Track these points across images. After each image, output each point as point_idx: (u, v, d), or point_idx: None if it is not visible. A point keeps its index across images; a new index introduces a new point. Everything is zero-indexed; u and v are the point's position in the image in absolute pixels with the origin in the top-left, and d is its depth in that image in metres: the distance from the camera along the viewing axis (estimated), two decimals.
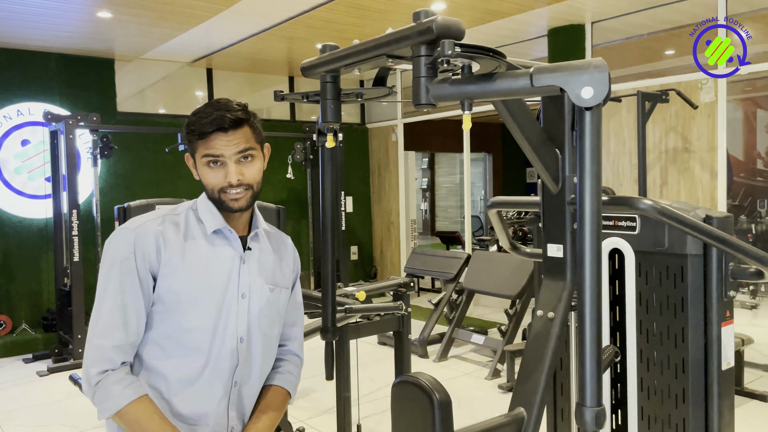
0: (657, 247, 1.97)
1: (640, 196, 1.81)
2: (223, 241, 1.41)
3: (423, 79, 1.31)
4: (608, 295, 2.15)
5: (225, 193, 1.36)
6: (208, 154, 1.35)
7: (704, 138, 4.81)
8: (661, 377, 1.99)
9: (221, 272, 1.38)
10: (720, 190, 4.74)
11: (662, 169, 5.08)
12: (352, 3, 4.63)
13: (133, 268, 1.32)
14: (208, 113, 1.34)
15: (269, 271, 1.47)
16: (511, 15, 5.24)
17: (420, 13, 1.32)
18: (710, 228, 1.66)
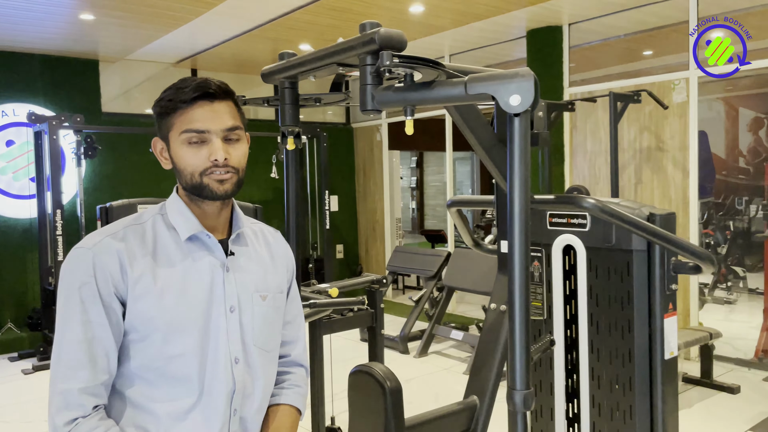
0: (606, 244, 2.07)
1: (585, 196, 1.91)
2: (201, 248, 1.20)
3: (369, 86, 1.40)
4: (562, 289, 2.25)
5: (208, 175, 1.16)
6: (190, 129, 1.14)
7: (677, 137, 4.93)
8: (610, 367, 2.09)
9: (202, 286, 1.18)
10: (692, 188, 4.86)
11: (637, 168, 5.20)
12: (331, 5, 4.71)
13: (94, 294, 1.12)
14: (188, 83, 1.15)
15: (259, 275, 1.27)
16: (489, 17, 5.33)
17: (365, 25, 1.41)
18: (648, 225, 1.76)
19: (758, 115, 9.31)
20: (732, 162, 9.87)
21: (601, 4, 5.04)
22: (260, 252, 1.31)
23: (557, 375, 2.25)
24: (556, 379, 2.25)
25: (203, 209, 1.21)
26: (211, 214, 1.22)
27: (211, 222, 1.23)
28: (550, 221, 2.23)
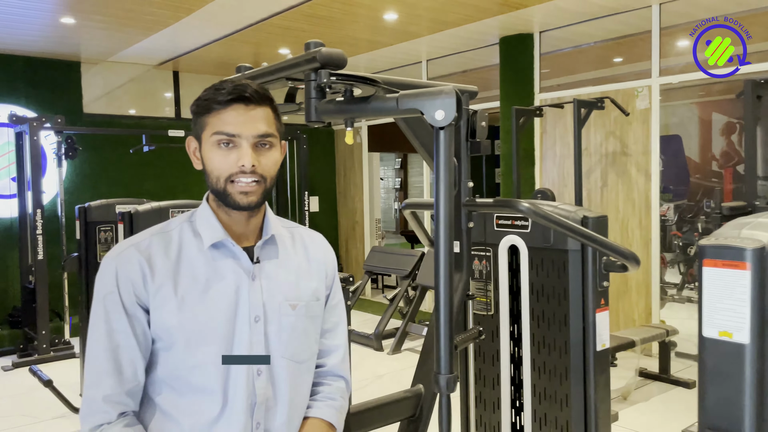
0: (545, 244, 2.24)
1: (520, 200, 2.07)
2: (226, 255, 1.18)
3: (312, 99, 1.54)
4: (508, 286, 2.41)
5: (233, 183, 1.15)
6: (221, 132, 1.13)
7: (640, 143, 5.12)
8: (549, 357, 2.25)
9: (225, 294, 1.16)
10: (654, 191, 5.05)
11: (603, 172, 5.39)
12: (307, 12, 4.85)
13: (118, 303, 1.13)
14: (226, 85, 1.14)
15: (290, 283, 1.23)
16: (462, 25, 5.50)
17: (310, 44, 1.56)
18: (575, 226, 1.93)
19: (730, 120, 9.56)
20: (705, 165, 10.12)
21: (570, 13, 5.22)
22: (295, 257, 1.26)
23: (503, 367, 2.41)
24: (503, 371, 2.41)
25: (231, 216, 1.20)
26: (238, 221, 1.20)
27: (240, 229, 1.21)
28: (496, 223, 2.39)
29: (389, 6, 4.82)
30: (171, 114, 7.38)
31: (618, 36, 5.78)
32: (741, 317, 1.12)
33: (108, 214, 4.43)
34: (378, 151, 9.23)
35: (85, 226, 4.45)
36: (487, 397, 2.47)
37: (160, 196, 5.94)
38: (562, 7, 5.03)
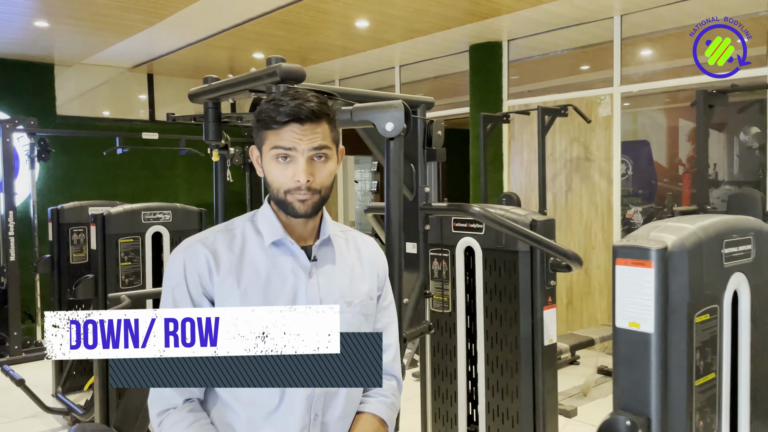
0: (497, 245, 2.38)
1: (472, 204, 2.20)
2: (285, 253, 1.26)
3: None
4: (464, 285, 2.55)
5: (291, 194, 1.22)
6: (279, 146, 1.20)
7: (602, 149, 5.32)
8: (501, 353, 2.40)
9: (284, 290, 1.23)
10: (615, 195, 5.25)
11: (567, 176, 5.58)
12: (280, 19, 4.95)
13: (185, 294, 1.22)
14: (285, 102, 1.20)
15: (345, 282, 1.30)
16: (432, 33, 5.64)
17: (271, 59, 1.67)
18: (520, 228, 2.07)
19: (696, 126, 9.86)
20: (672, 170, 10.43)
21: (536, 23, 5.40)
22: (349, 259, 1.33)
23: (459, 361, 2.54)
24: (459, 366, 2.55)
25: (290, 219, 1.27)
26: (297, 224, 1.27)
27: (298, 231, 1.28)
28: (454, 226, 2.53)
29: (361, 14, 4.95)
30: (145, 116, 7.41)
31: (583, 45, 5.98)
32: (647, 309, 1.26)
33: (81, 216, 4.48)
34: (353, 155, 9.35)
35: (58, 228, 4.49)
36: (445, 391, 2.60)
37: (133, 198, 5.98)
38: (529, 17, 5.21)
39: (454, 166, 13.58)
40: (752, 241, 1.45)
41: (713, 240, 1.33)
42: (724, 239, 1.36)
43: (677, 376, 1.27)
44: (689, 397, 1.28)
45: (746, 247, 1.43)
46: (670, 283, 1.26)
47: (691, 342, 1.28)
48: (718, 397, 1.37)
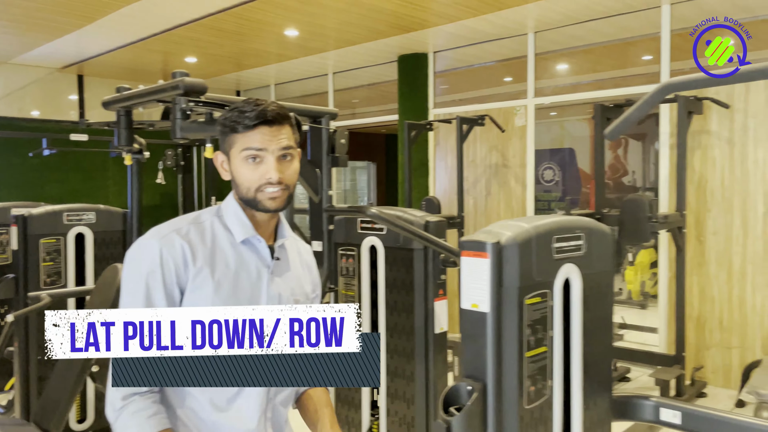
0: (397, 244, 2.62)
1: (370, 206, 2.44)
2: (251, 250, 1.34)
3: (177, 120, 1.84)
4: (369, 280, 2.78)
5: (262, 191, 1.29)
6: (249, 148, 1.28)
7: (518, 156, 5.68)
8: (399, 340, 2.64)
9: (251, 284, 1.32)
10: (529, 200, 5.62)
11: (487, 181, 5.92)
12: (211, 26, 5.08)
13: (159, 281, 1.25)
14: (249, 108, 1.28)
15: (296, 281, 1.42)
16: (362, 43, 5.89)
17: (176, 73, 1.86)
18: (410, 227, 2.31)
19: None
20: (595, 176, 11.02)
21: (458, 37, 5.73)
22: (296, 260, 1.44)
23: None
24: None
25: (255, 217, 1.34)
26: (261, 222, 1.35)
27: (261, 229, 1.35)
28: (360, 226, 2.76)
29: (289, 23, 5.13)
30: (75, 117, 7.34)
31: (504, 59, 6.36)
32: (484, 293, 1.51)
33: (4, 218, 4.46)
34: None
35: None
36: None
37: (62, 200, 5.93)
38: (450, 32, 5.52)
39: (393, 171, 13.91)
40: (583, 238, 1.73)
41: (543, 236, 1.60)
42: (554, 236, 1.64)
43: (509, 348, 1.53)
44: (520, 366, 1.54)
45: (577, 242, 1.72)
46: (503, 271, 1.52)
47: (521, 320, 1.54)
48: (549, 367, 1.64)
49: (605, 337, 1.84)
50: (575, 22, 5.25)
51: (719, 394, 4.40)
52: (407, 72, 6.33)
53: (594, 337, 1.79)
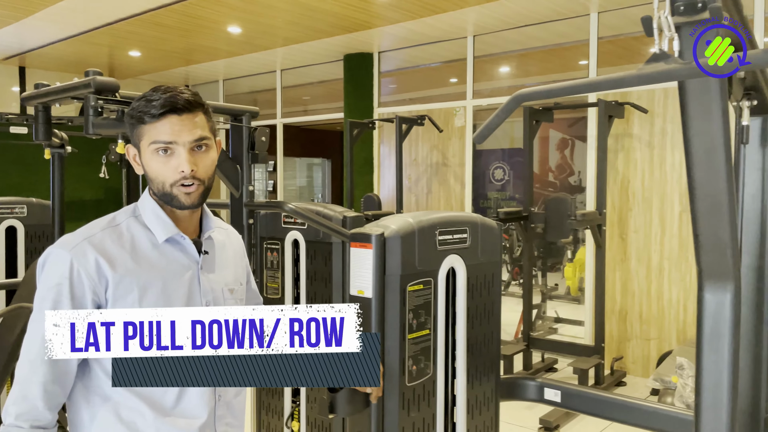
0: (317, 238, 2.74)
1: (287, 201, 2.55)
2: (176, 248, 1.27)
3: (90, 117, 1.92)
4: (292, 273, 2.90)
5: (176, 186, 1.21)
6: (158, 141, 1.19)
7: (457, 156, 5.87)
8: None
9: (181, 284, 1.26)
10: (467, 197, 5.82)
11: (428, 180, 6.10)
12: (152, 21, 5.10)
13: (67, 293, 1.16)
14: (157, 96, 1.19)
15: (228, 271, 1.37)
16: (306, 41, 5.98)
17: (89, 72, 1.93)
18: (321, 219, 2.44)
19: (564, 136, 10.86)
20: (543, 176, 11.41)
21: (401, 39, 5.88)
22: (226, 249, 1.39)
23: None
24: None
25: (175, 213, 1.27)
26: (182, 218, 1.28)
27: (183, 224, 1.29)
28: (283, 221, 2.87)
29: (232, 21, 5.19)
30: (16, 110, 7.21)
31: (448, 60, 6.54)
32: (368, 280, 1.65)
33: None
34: None
35: None
36: None
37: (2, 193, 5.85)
38: (394, 34, 5.67)
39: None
40: (468, 232, 1.89)
41: (427, 230, 1.75)
42: (438, 229, 1.79)
43: (392, 331, 1.67)
44: (402, 347, 1.69)
45: (462, 235, 1.88)
46: (386, 261, 1.67)
47: (404, 305, 1.69)
48: (432, 348, 1.79)
49: (492, 322, 2.01)
50: (512, 27, 5.46)
51: (638, 382, 4.68)
52: (353, 71, 6.45)
53: (480, 322, 1.95)
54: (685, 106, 1.30)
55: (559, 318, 6.36)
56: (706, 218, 1.39)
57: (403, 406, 1.69)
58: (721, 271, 1.42)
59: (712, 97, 1.25)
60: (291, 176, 17.00)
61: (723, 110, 1.27)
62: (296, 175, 16.71)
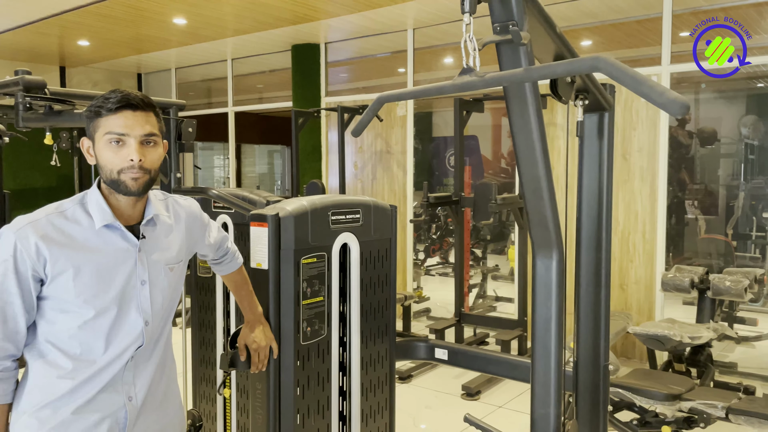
0: (243, 221, 3.00)
1: (210, 187, 2.80)
2: (115, 233, 1.42)
3: (20, 111, 2.14)
4: None
5: (124, 173, 1.37)
6: (112, 132, 1.36)
7: (400, 144, 6.16)
8: None
9: (115, 266, 1.41)
10: (408, 184, 6.12)
11: (373, 167, 6.38)
12: (96, 12, 5.23)
13: (12, 271, 1.35)
14: (114, 95, 1.36)
15: (169, 250, 1.52)
16: (254, 32, 6.16)
17: (18, 71, 2.14)
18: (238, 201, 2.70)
19: None
20: (496, 163, 11.81)
21: (345, 31, 6.11)
22: (172, 227, 1.55)
23: (218, 317, 3.14)
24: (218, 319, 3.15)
25: (120, 201, 1.43)
26: (127, 205, 1.43)
27: (128, 211, 1.44)
28: (213, 205, 3.11)
29: (176, 13, 5.35)
30: None
31: (393, 51, 6.80)
32: (265, 254, 1.93)
33: None
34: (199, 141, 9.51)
35: None
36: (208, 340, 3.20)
37: None
38: (337, 26, 5.89)
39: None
40: (360, 213, 2.18)
41: (319, 210, 2.03)
42: (330, 210, 2.07)
43: (287, 297, 1.95)
44: (296, 311, 1.97)
45: (355, 216, 2.16)
46: (281, 237, 1.94)
47: (298, 275, 1.97)
48: (327, 313, 2.08)
49: (386, 290, 2.30)
50: (449, 21, 5.74)
51: None
52: (300, 61, 6.66)
53: (374, 291, 2.25)
54: (509, 107, 1.61)
55: (498, 297, 6.74)
56: (531, 198, 1.70)
57: (298, 361, 1.98)
58: (547, 242, 1.74)
59: (528, 100, 1.56)
60: (251, 163, 17.08)
61: (537, 111, 1.58)
62: (256, 162, 16.83)
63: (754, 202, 7.92)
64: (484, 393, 4.20)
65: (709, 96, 8.54)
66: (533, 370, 1.77)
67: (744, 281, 3.85)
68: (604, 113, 1.98)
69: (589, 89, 1.86)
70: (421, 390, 4.32)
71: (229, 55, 7.40)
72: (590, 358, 2.05)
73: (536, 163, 1.63)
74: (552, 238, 1.71)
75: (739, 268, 4.19)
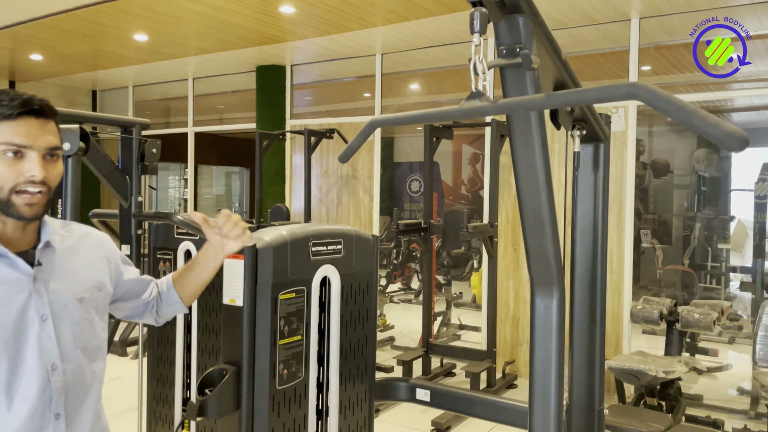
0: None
1: (171, 212, 2.62)
2: (3, 263, 1.17)
3: None
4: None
5: (18, 193, 1.13)
6: (10, 142, 1.12)
7: (366, 168, 6.05)
8: (209, 340, 2.82)
9: (11, 300, 1.15)
10: (375, 209, 6.00)
11: (339, 191, 6.24)
12: (52, 25, 4.98)
13: None
14: (13, 95, 1.13)
15: (75, 279, 1.26)
16: (217, 52, 5.99)
17: None
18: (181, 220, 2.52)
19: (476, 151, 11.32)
20: (456, 189, 11.83)
21: (313, 54, 6.02)
22: (76, 254, 1.29)
23: (178, 350, 2.92)
24: (177, 354, 2.93)
25: (7, 224, 1.18)
26: (15, 228, 1.19)
27: (15, 236, 1.20)
28: (176, 231, 2.91)
29: (138, 29, 5.14)
30: None
31: (360, 75, 6.73)
32: (239, 290, 1.76)
33: None
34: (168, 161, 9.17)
35: None
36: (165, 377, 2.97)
37: None
38: (305, 49, 5.79)
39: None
40: (342, 243, 2.03)
41: (300, 241, 1.88)
42: (311, 240, 1.92)
43: (262, 337, 1.78)
44: (273, 352, 1.80)
45: (336, 246, 2.01)
46: (258, 271, 1.78)
47: (275, 313, 1.80)
48: (305, 353, 1.92)
49: (366, 327, 2.16)
50: (417, 48, 5.71)
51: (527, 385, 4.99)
52: (265, 82, 6.51)
53: (354, 328, 2.10)
54: (512, 136, 1.51)
55: (463, 325, 6.65)
56: (532, 231, 1.60)
57: (273, 408, 1.80)
58: (547, 279, 1.63)
59: (533, 129, 1.46)
60: (208, 184, 16.70)
61: (542, 140, 1.48)
62: (213, 184, 16.45)
63: (707, 232, 8.14)
64: (454, 428, 4.06)
65: (662, 129, 8.79)
66: (531, 415, 1.65)
67: (713, 314, 3.86)
68: (599, 144, 1.91)
69: (587, 119, 1.79)
70: (390, 426, 4.14)
71: (190, 74, 7.19)
72: (584, 402, 1.95)
73: (539, 194, 1.53)
74: (553, 274, 1.61)
75: (706, 300, 4.21)
